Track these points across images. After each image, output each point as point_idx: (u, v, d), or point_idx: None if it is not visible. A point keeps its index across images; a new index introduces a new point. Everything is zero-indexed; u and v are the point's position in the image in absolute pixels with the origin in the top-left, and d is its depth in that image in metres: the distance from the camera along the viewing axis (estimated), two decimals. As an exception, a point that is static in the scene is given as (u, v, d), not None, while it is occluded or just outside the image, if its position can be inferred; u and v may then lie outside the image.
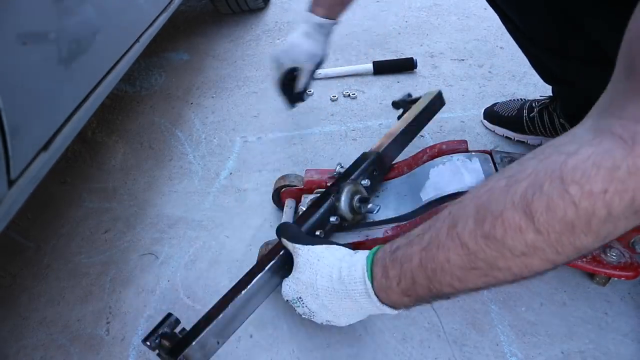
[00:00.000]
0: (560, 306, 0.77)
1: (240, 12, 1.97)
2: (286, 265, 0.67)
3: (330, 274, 0.57)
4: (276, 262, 0.67)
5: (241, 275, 0.89)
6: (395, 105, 1.08)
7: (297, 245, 0.62)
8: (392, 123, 1.22)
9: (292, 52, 0.98)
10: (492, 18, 1.62)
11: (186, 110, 1.43)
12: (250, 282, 0.64)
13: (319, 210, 0.74)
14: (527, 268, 0.41)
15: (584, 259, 0.76)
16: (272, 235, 0.94)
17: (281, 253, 0.67)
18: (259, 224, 1.00)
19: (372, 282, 0.52)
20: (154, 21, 1.19)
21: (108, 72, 0.94)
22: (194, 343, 0.59)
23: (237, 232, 0.99)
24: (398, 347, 0.75)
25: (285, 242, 0.65)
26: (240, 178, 1.14)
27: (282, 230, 0.67)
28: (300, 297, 0.61)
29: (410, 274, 0.48)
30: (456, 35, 1.58)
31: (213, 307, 0.64)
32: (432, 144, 0.90)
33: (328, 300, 0.58)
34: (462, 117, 1.22)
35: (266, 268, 0.66)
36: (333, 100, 1.35)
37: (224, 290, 0.87)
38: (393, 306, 0.52)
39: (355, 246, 0.83)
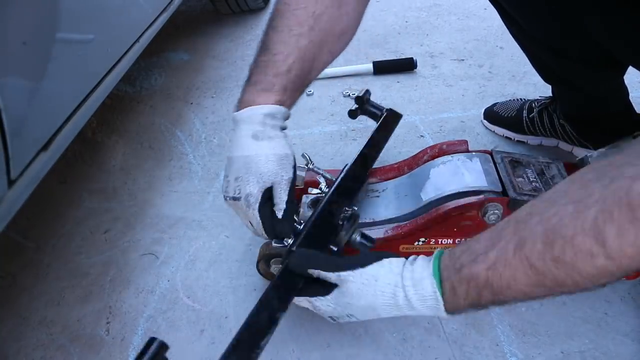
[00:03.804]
0: (560, 306, 0.77)
1: (240, 12, 1.97)
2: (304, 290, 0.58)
3: (393, 294, 0.53)
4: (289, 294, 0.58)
5: (241, 275, 0.90)
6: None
7: (344, 273, 0.55)
8: (392, 123, 1.22)
9: (252, 172, 0.62)
10: (492, 18, 1.62)
11: (186, 110, 1.43)
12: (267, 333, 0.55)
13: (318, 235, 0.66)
14: (594, 284, 0.43)
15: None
16: (272, 235, 0.94)
17: (300, 283, 0.58)
18: (259, 224, 1.00)
19: (443, 298, 0.51)
20: (154, 21, 1.19)
21: (108, 72, 0.94)
22: None
23: (237, 232, 0.99)
24: (398, 347, 0.75)
25: (317, 273, 0.56)
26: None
27: (307, 259, 0.58)
28: (351, 314, 0.57)
29: (477, 291, 0.49)
30: (456, 35, 1.58)
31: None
32: (432, 144, 0.90)
33: (387, 312, 0.55)
34: (462, 117, 1.22)
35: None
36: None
37: (223, 290, 0.88)
38: (452, 314, 0.52)
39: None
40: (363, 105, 0.97)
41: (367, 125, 1.23)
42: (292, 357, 0.76)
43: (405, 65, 1.41)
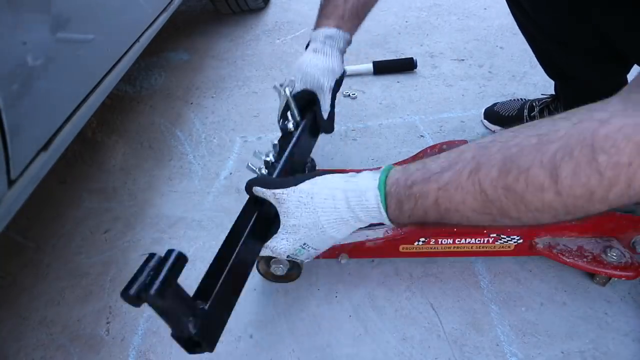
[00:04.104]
0: (560, 306, 0.77)
1: (240, 12, 1.97)
2: (267, 223, 0.60)
3: (334, 207, 0.55)
4: (253, 224, 0.59)
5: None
6: None
7: (277, 191, 0.57)
8: (392, 123, 1.23)
9: (301, 72, 0.79)
10: (492, 18, 1.62)
11: (186, 110, 1.43)
12: (230, 257, 0.55)
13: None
14: (535, 221, 0.44)
15: (585, 259, 0.76)
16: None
17: (256, 213, 0.59)
18: (259, 224, 0.99)
19: (386, 212, 0.53)
20: (154, 21, 1.19)
21: (108, 72, 0.94)
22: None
23: (237, 232, 0.99)
24: (398, 347, 0.75)
25: (260, 191, 0.59)
26: (240, 178, 1.13)
27: (252, 182, 0.60)
28: (304, 243, 0.59)
29: (423, 210, 0.49)
30: (456, 35, 1.58)
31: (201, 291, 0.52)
32: (432, 144, 0.90)
33: (335, 230, 0.57)
34: (462, 117, 1.22)
35: (243, 237, 0.58)
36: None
37: (224, 290, 0.88)
38: (399, 226, 0.55)
39: (355, 246, 0.83)
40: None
41: (367, 125, 1.23)
42: (292, 357, 0.76)
43: (405, 65, 1.41)
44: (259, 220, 0.61)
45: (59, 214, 1.11)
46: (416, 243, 0.81)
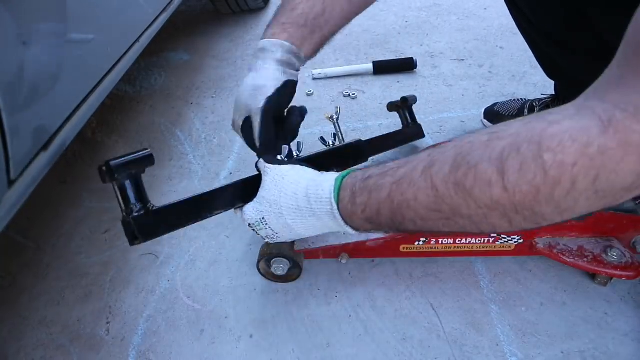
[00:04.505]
0: (560, 306, 0.77)
1: (240, 12, 1.97)
2: (254, 189, 0.64)
3: (295, 192, 0.57)
4: (245, 180, 0.66)
5: (241, 275, 0.90)
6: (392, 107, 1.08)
7: (266, 164, 0.61)
8: (392, 123, 1.22)
9: (236, 103, 0.71)
10: (492, 18, 1.62)
11: (186, 110, 1.43)
12: (216, 190, 0.64)
13: None
14: (486, 221, 0.43)
15: (585, 259, 0.76)
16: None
17: (254, 176, 0.66)
18: (259, 224, 0.99)
19: (338, 205, 0.53)
20: (154, 21, 1.19)
21: (108, 72, 0.94)
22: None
23: (237, 232, 0.99)
24: (398, 347, 0.75)
25: (259, 163, 0.63)
26: (240, 178, 1.13)
27: (262, 157, 0.65)
28: (263, 218, 0.60)
29: (377, 205, 0.49)
30: (456, 35, 1.58)
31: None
32: (432, 144, 0.90)
33: (292, 219, 0.57)
34: (462, 117, 1.22)
35: (234, 182, 0.66)
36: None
37: (223, 290, 0.88)
38: (356, 229, 0.54)
39: (356, 246, 0.83)
40: (404, 104, 1.03)
41: (367, 126, 1.23)
42: (292, 357, 0.76)
43: (405, 65, 1.41)
44: (249, 182, 0.65)
45: (59, 214, 1.11)
46: (416, 243, 0.81)
